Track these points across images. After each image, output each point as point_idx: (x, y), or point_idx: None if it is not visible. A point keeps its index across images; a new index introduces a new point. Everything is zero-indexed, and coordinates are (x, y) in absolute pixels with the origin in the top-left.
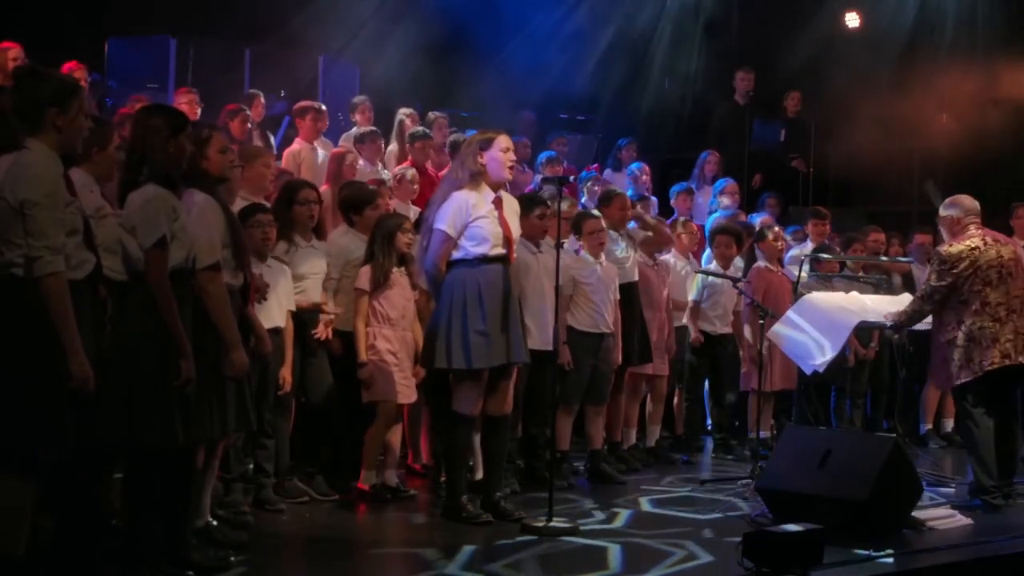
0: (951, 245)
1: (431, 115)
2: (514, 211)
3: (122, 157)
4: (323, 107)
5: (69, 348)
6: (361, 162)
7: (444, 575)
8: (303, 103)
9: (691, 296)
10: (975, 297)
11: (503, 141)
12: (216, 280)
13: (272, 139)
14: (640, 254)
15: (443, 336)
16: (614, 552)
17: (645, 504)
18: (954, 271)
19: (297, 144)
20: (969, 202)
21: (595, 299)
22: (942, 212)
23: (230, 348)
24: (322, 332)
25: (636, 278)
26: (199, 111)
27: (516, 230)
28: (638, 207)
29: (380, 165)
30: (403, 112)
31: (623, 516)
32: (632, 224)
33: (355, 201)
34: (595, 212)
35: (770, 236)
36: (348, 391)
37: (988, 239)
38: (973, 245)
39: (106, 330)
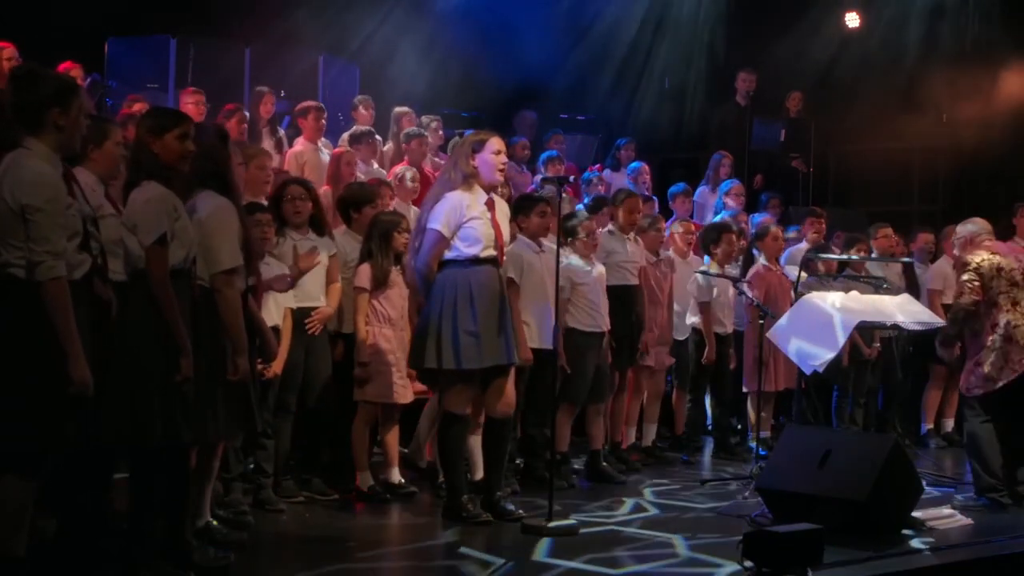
0: (981, 258)
1: (425, 119)
2: (504, 214)
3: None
4: (322, 106)
5: (70, 353)
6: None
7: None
8: (304, 103)
9: (700, 297)
10: (1005, 298)
11: (495, 144)
12: (232, 284)
13: (284, 137)
14: (644, 251)
15: (433, 336)
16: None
17: (645, 505)
18: (980, 272)
19: (300, 145)
20: (977, 223)
21: (592, 298)
22: (959, 230)
23: (237, 353)
24: (315, 327)
25: (636, 281)
26: (205, 112)
27: (506, 233)
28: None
29: (375, 165)
30: (399, 111)
31: (623, 517)
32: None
33: (354, 200)
34: (585, 213)
35: (770, 236)
36: (348, 392)
37: (1002, 249)
38: (993, 251)
39: (110, 330)
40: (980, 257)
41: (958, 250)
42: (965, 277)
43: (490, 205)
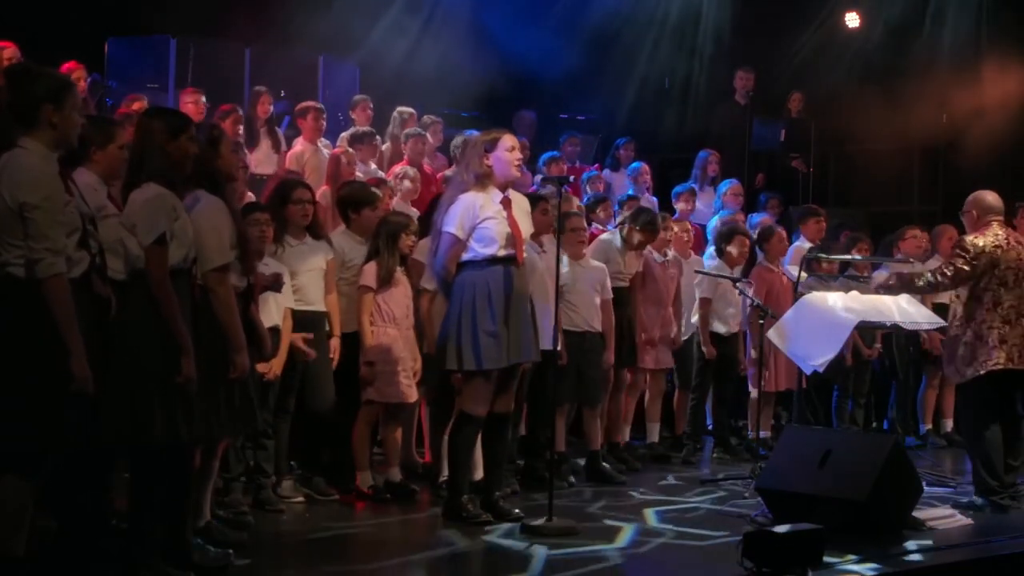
0: (976, 236)
1: (426, 118)
2: (524, 210)
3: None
4: (322, 106)
5: (72, 350)
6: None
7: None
8: (304, 103)
9: (704, 293)
10: (988, 296)
11: (508, 140)
12: (224, 282)
13: (282, 137)
14: (649, 249)
15: (453, 338)
16: (613, 552)
17: (644, 504)
18: (973, 262)
19: (300, 145)
20: (993, 198)
21: (569, 298)
22: (976, 194)
23: (235, 350)
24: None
25: (626, 284)
26: (204, 111)
27: (527, 229)
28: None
29: (374, 165)
30: (400, 111)
31: (621, 516)
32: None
33: (354, 200)
34: (576, 211)
35: (775, 237)
36: (350, 392)
37: (1012, 240)
38: (997, 243)
39: (110, 329)
40: (981, 245)
41: (964, 218)
42: (959, 263)
43: (506, 203)
